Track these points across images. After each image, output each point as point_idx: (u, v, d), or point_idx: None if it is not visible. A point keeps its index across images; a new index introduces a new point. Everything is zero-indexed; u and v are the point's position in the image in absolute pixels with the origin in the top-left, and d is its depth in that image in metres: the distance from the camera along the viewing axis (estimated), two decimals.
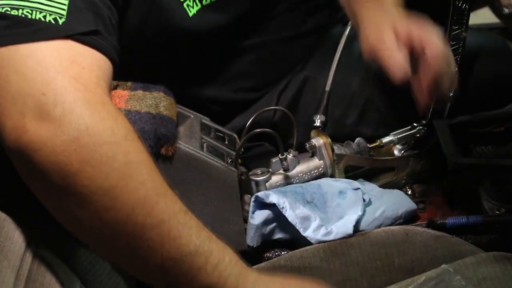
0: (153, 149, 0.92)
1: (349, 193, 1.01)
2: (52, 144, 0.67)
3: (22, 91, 0.69)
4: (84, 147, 0.67)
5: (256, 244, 1.01)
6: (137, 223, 0.69)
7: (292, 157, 1.05)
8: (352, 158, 1.08)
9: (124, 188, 0.69)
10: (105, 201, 0.68)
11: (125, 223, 0.69)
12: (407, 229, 0.97)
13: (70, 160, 0.67)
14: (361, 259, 0.94)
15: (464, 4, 1.07)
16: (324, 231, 0.96)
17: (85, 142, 0.67)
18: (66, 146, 0.67)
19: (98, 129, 0.68)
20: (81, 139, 0.67)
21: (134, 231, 0.69)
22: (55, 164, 0.66)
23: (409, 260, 0.93)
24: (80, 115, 0.68)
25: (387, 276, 0.92)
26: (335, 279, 0.92)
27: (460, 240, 0.96)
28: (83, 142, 0.67)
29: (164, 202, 0.72)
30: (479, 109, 1.13)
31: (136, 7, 0.97)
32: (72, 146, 0.67)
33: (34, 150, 0.67)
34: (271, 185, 1.05)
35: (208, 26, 1.06)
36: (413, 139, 1.15)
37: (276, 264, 0.95)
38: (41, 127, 0.67)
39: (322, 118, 1.15)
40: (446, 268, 0.85)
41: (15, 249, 0.71)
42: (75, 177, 0.67)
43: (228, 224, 1.00)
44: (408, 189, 1.13)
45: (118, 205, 0.68)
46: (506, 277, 0.84)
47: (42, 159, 0.67)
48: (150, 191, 0.70)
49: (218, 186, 1.00)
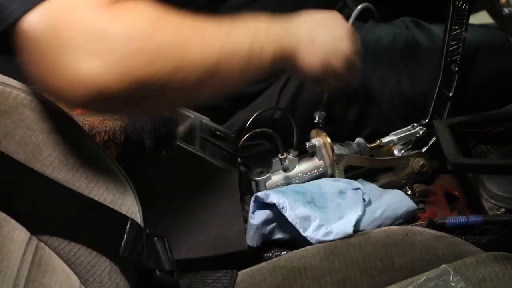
0: (153, 149, 0.92)
1: (349, 193, 1.01)
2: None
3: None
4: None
5: (256, 244, 1.01)
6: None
7: (292, 157, 1.05)
8: (352, 158, 1.08)
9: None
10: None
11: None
12: (407, 229, 0.97)
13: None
14: (361, 259, 0.94)
15: (464, 4, 1.07)
16: (324, 231, 0.96)
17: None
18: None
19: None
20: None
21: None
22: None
23: (409, 260, 0.93)
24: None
25: (387, 276, 0.92)
26: (335, 279, 0.92)
27: (460, 240, 0.96)
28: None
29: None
30: (479, 109, 1.13)
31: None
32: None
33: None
34: (271, 185, 1.05)
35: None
36: (413, 139, 1.15)
37: (276, 264, 0.95)
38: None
39: (322, 115, 1.15)
40: (446, 268, 0.85)
41: (15, 249, 0.71)
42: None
43: (228, 224, 1.00)
44: (408, 189, 1.13)
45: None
46: (506, 277, 0.84)
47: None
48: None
49: (218, 186, 1.00)
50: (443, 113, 1.14)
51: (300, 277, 0.93)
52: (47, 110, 0.76)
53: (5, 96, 0.73)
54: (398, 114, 1.26)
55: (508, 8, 0.90)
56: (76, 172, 0.77)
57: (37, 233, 0.76)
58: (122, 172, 0.83)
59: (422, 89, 1.23)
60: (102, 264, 0.80)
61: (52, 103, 0.77)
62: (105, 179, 0.80)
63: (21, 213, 0.73)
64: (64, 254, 0.77)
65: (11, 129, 0.73)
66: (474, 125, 1.12)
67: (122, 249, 0.79)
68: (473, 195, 1.11)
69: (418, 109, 1.18)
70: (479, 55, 1.20)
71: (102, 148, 0.81)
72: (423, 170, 1.13)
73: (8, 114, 0.73)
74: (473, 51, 1.17)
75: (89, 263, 0.79)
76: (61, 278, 0.76)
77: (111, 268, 0.81)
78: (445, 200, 1.13)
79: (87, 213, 0.78)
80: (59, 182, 0.76)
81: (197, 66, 0.72)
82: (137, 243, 0.81)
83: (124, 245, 0.79)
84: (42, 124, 0.75)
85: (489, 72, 1.20)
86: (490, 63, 1.20)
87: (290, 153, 1.05)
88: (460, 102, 1.15)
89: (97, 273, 0.79)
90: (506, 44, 1.22)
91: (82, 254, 0.78)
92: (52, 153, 0.76)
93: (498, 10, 0.90)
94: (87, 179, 0.78)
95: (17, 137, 0.73)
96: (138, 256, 0.81)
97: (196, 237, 0.99)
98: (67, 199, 0.77)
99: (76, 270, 0.78)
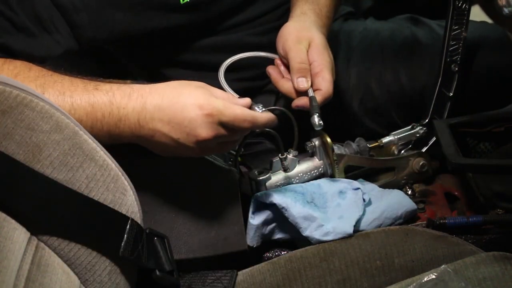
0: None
1: (349, 193, 1.01)
2: None
3: None
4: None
5: (256, 244, 1.01)
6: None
7: (292, 157, 1.05)
8: (352, 158, 1.08)
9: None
10: None
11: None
12: (407, 229, 0.97)
13: None
14: (361, 259, 0.94)
15: (464, 4, 1.07)
16: (324, 231, 0.96)
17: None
18: None
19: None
20: None
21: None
22: None
23: (409, 260, 0.93)
24: None
25: (387, 276, 0.92)
26: (335, 279, 0.92)
27: (460, 240, 0.96)
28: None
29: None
30: (479, 109, 1.13)
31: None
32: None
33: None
34: (271, 185, 1.05)
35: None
36: (413, 139, 1.15)
37: (276, 264, 0.95)
38: None
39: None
40: (446, 268, 0.85)
41: (15, 249, 0.71)
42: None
43: (228, 224, 1.00)
44: (408, 189, 1.13)
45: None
46: (506, 277, 0.84)
47: None
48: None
49: (218, 186, 1.00)
50: (443, 113, 1.14)
51: (300, 277, 0.93)
52: (47, 110, 0.76)
53: (5, 96, 0.73)
54: (398, 114, 1.27)
55: (508, 8, 0.90)
56: (76, 172, 0.77)
57: (37, 233, 0.76)
58: (122, 172, 0.83)
59: (420, 85, 1.23)
60: (102, 264, 0.80)
61: (52, 103, 0.77)
62: (105, 179, 0.80)
63: (21, 213, 0.73)
64: (64, 254, 0.77)
65: (11, 129, 0.73)
66: (474, 125, 1.12)
67: (122, 249, 0.79)
68: (473, 195, 1.11)
69: (418, 109, 1.18)
70: (479, 52, 1.20)
71: (102, 148, 0.81)
72: (423, 170, 1.13)
73: (8, 114, 0.73)
74: (472, 48, 1.17)
75: (89, 263, 0.79)
76: (61, 278, 0.76)
77: (111, 268, 0.81)
78: (445, 200, 1.12)
79: (87, 213, 0.78)
80: (59, 182, 0.76)
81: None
82: (137, 243, 0.81)
83: (124, 245, 0.79)
84: (42, 124, 0.75)
85: (489, 69, 1.20)
86: (490, 60, 1.20)
87: (290, 153, 1.05)
88: (460, 102, 1.15)
89: (97, 273, 0.79)
90: (505, 40, 1.22)
91: (82, 254, 0.78)
92: (52, 153, 0.76)
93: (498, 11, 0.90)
94: (87, 179, 0.78)
95: (17, 137, 0.73)
96: (138, 256, 0.81)
97: (196, 237, 0.99)
98: (67, 199, 0.77)
99: (76, 270, 0.78)
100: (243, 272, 0.96)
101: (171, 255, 0.89)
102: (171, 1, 1.06)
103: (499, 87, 1.21)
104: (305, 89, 1.00)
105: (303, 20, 1.08)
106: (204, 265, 0.98)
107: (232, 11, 1.15)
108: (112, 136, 0.88)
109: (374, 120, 1.28)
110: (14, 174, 0.72)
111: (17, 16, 0.93)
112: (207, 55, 1.16)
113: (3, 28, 0.92)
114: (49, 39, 0.96)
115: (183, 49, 1.15)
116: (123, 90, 0.88)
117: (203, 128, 0.86)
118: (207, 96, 0.87)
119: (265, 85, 1.21)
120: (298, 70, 1.00)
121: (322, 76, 1.00)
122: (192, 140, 0.87)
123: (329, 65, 1.02)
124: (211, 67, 1.09)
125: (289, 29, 1.06)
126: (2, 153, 0.72)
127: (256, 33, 1.18)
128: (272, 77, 1.06)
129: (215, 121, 0.86)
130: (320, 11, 1.11)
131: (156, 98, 0.87)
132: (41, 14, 0.94)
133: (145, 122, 0.87)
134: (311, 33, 1.04)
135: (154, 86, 0.89)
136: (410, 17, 1.36)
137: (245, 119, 0.87)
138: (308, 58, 1.02)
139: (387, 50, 1.28)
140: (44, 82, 0.87)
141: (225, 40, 1.16)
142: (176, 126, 0.86)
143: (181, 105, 0.86)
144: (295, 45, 1.02)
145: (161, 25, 1.07)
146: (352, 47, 1.31)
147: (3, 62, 0.90)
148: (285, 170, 1.05)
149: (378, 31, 1.33)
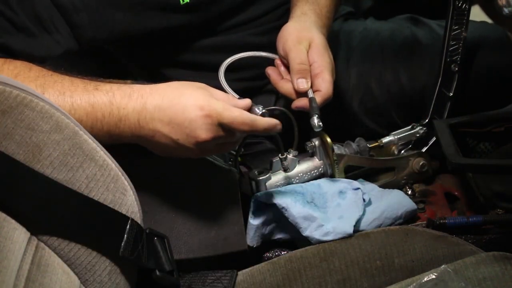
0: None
1: (349, 193, 1.01)
2: None
3: None
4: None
5: (256, 244, 1.01)
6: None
7: (292, 157, 1.05)
8: (352, 158, 1.08)
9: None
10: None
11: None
12: (407, 229, 0.97)
13: None
14: (361, 259, 0.94)
15: (464, 4, 1.07)
16: (324, 231, 0.96)
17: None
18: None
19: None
20: None
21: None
22: None
23: (409, 260, 0.93)
24: None
25: (387, 276, 0.92)
26: (335, 279, 0.92)
27: (460, 240, 0.96)
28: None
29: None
30: (479, 109, 1.13)
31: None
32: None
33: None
34: (271, 185, 1.05)
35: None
36: (413, 139, 1.15)
37: (276, 264, 0.95)
38: None
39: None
40: (446, 268, 0.85)
41: (15, 249, 0.71)
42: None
43: (228, 224, 1.00)
44: (408, 189, 1.13)
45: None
46: (506, 277, 0.84)
47: None
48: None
49: (218, 186, 1.00)
50: (443, 113, 1.14)
51: (300, 277, 0.93)
52: (47, 110, 0.76)
53: (5, 96, 0.73)
54: (398, 114, 1.27)
55: (508, 8, 0.90)
56: (76, 172, 0.77)
57: (37, 233, 0.76)
58: (122, 172, 0.83)
59: (420, 85, 1.23)
60: (102, 264, 0.80)
61: (52, 103, 0.77)
62: (105, 179, 0.80)
63: (21, 213, 0.73)
64: (64, 254, 0.77)
65: (11, 129, 0.73)
66: (474, 125, 1.12)
67: (122, 249, 0.79)
68: (473, 195, 1.11)
69: (418, 109, 1.18)
70: (479, 52, 1.20)
71: (102, 148, 0.81)
72: (423, 170, 1.13)
73: (8, 114, 0.73)
74: (472, 48, 1.17)
75: (89, 263, 0.79)
76: (61, 278, 0.76)
77: (111, 268, 0.81)
78: (445, 200, 1.12)
79: (87, 213, 0.78)
80: (59, 182, 0.76)
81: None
82: (137, 243, 0.81)
83: (124, 245, 0.79)
84: (42, 124, 0.75)
85: (489, 69, 1.20)
86: (490, 60, 1.20)
87: (290, 153, 1.05)
88: (460, 102, 1.15)
89: (97, 273, 0.79)
90: (505, 40, 1.22)
91: (82, 254, 0.78)
92: (52, 153, 0.76)
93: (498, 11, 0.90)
94: (87, 179, 0.78)
95: (17, 137, 0.73)
96: (138, 256, 0.81)
97: (196, 237, 0.99)
98: (67, 199, 0.77)
99: (76, 270, 0.78)
100: (243, 272, 0.96)
101: (171, 255, 0.89)
102: (171, 1, 1.06)
103: (499, 87, 1.21)
104: (305, 90, 1.00)
105: (304, 20, 1.08)
106: (204, 265, 0.98)
107: (232, 11, 1.15)
108: (112, 136, 0.88)
109: (374, 120, 1.28)
110: (14, 174, 0.72)
111: (17, 16, 0.93)
112: (207, 55, 1.16)
113: (3, 28, 0.93)
114: (49, 39, 0.96)
115: (183, 49, 1.15)
116: (123, 90, 0.88)
117: (202, 129, 0.86)
118: (207, 97, 0.88)
119: (265, 85, 1.21)
120: (298, 71, 1.00)
121: (322, 77, 1.00)
122: (191, 141, 0.87)
123: (329, 66, 1.02)
124: (211, 67, 1.09)
125: (289, 30, 1.06)
126: (2, 153, 0.72)
127: (256, 33, 1.18)
128: (271, 78, 1.06)
129: (214, 123, 0.86)
130: (321, 11, 1.11)
131: (156, 98, 0.87)
132: (41, 14, 0.94)
133: (145, 123, 0.87)
134: (312, 34, 1.04)
135: (154, 86, 0.89)
136: (410, 17, 1.36)
137: (244, 122, 0.87)
138: (308, 59, 1.02)
139: (387, 50, 1.29)
140: (44, 82, 0.87)
141: (225, 40, 1.16)
142: (176, 126, 0.86)
143: (182, 106, 0.86)
144: (295, 45, 1.02)
145: (161, 25, 1.07)
146: (352, 47, 1.32)
147: (3, 62, 0.90)
148: (285, 170, 1.05)
149: (378, 31, 1.33)
